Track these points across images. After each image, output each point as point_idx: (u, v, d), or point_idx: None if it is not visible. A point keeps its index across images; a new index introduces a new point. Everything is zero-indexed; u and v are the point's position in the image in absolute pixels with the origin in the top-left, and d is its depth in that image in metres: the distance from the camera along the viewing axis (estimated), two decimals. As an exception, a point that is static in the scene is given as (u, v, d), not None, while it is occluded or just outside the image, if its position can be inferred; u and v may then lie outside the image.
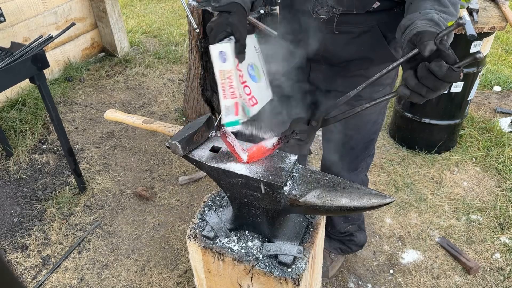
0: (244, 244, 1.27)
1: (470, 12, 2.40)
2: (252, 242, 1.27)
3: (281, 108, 1.75)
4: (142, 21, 4.95)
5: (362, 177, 1.82)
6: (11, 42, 2.23)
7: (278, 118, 1.76)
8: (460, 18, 0.89)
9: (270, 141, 1.14)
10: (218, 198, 1.45)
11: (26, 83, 3.29)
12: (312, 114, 1.08)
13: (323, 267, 2.09)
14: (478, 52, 0.87)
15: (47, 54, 2.24)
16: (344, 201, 1.06)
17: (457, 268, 2.18)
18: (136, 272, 2.19)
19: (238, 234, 1.30)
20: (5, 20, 2.66)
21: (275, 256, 1.22)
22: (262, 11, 2.52)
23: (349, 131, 1.61)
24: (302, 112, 1.75)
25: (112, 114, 1.63)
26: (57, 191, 2.66)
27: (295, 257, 1.20)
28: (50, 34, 2.20)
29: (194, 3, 2.64)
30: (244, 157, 1.15)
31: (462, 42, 2.44)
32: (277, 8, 2.43)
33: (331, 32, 1.36)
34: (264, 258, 1.22)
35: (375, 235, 2.37)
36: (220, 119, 1.16)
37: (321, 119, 1.07)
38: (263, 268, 1.19)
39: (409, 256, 2.25)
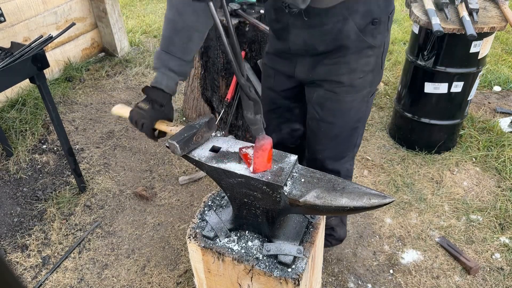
0: (244, 244, 1.27)
1: (470, 12, 2.40)
2: (252, 242, 1.28)
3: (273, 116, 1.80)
4: (142, 21, 4.95)
5: (348, 166, 1.81)
6: (11, 42, 2.22)
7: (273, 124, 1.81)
8: None
9: (266, 142, 1.12)
10: (218, 198, 1.45)
11: (26, 83, 3.29)
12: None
13: None
14: None
15: (47, 54, 2.24)
16: (344, 201, 1.06)
17: (457, 268, 2.18)
18: (136, 272, 2.19)
19: (238, 234, 1.30)
20: (5, 20, 2.66)
21: (275, 256, 1.22)
22: (261, 11, 2.51)
23: (331, 118, 1.64)
24: (292, 117, 1.79)
25: (120, 109, 1.58)
26: (57, 191, 2.66)
27: (295, 257, 1.20)
28: (50, 34, 2.20)
29: (194, 3, 2.64)
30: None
31: (462, 42, 2.44)
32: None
33: (307, 26, 1.39)
34: (264, 258, 1.22)
35: (375, 235, 2.37)
36: (220, 118, 1.15)
37: None
38: (263, 268, 1.19)
39: (409, 256, 2.25)
